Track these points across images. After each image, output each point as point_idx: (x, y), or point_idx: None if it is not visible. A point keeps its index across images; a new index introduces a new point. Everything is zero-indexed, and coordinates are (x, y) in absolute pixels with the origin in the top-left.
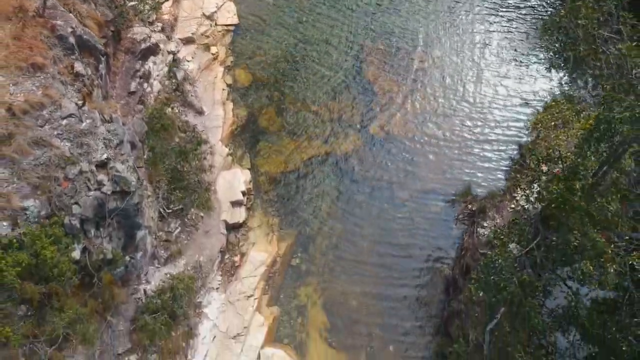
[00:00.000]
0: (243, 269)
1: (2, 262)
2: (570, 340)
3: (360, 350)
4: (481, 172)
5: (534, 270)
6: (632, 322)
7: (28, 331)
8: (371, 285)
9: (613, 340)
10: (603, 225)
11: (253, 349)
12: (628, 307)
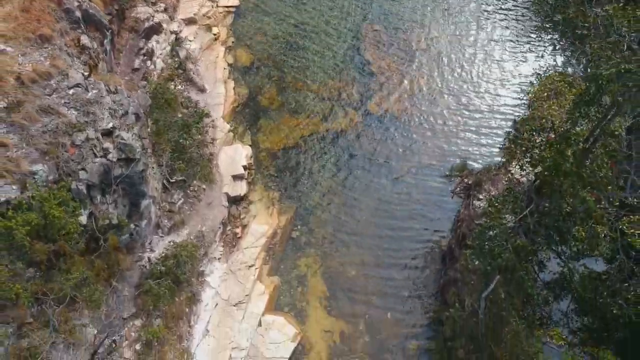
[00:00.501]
0: (244, 240)
1: (12, 221)
2: (563, 309)
3: (359, 318)
4: (477, 148)
5: (527, 237)
6: (623, 287)
7: (37, 289)
8: (369, 256)
9: (604, 305)
10: (593, 186)
11: (254, 316)
12: (618, 273)
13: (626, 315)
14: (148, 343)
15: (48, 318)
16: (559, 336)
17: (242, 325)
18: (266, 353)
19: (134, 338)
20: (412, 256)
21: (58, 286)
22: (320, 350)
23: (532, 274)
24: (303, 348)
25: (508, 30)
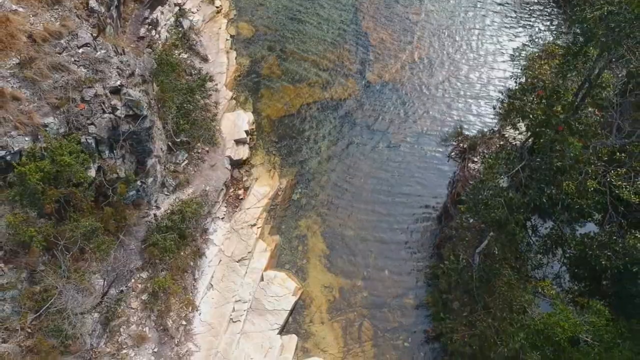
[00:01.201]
0: (246, 201)
1: (26, 167)
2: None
3: (357, 274)
4: (472, 116)
5: (518, 191)
6: (611, 240)
7: (49, 232)
8: (368, 217)
9: (594, 257)
10: (581, 134)
11: (256, 271)
12: (608, 224)
13: (614, 267)
14: (154, 293)
15: (59, 265)
16: (550, 287)
17: (245, 280)
18: (268, 306)
19: (141, 289)
20: (409, 217)
21: (69, 233)
22: (320, 304)
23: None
24: (304, 302)
25: (505, 5)
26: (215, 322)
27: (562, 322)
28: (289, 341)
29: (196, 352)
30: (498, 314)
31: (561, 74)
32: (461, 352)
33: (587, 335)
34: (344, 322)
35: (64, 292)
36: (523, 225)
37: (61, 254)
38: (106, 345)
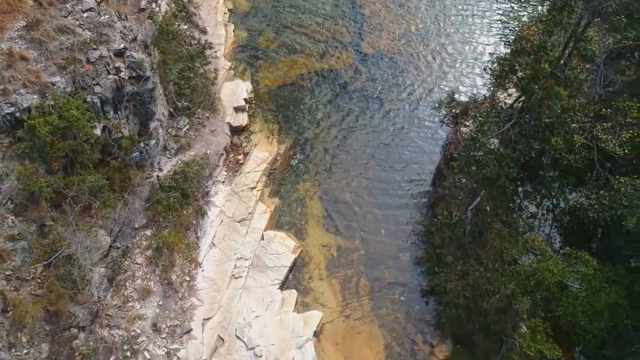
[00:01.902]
0: (246, 166)
1: (35, 120)
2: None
3: (355, 234)
4: (464, 84)
5: (508, 147)
6: (599, 194)
7: (57, 183)
8: (365, 180)
9: (582, 210)
10: (566, 84)
11: (257, 230)
12: (595, 181)
13: (602, 219)
14: (158, 249)
15: (67, 219)
16: (540, 241)
17: (246, 239)
18: (268, 263)
19: (145, 246)
20: (404, 180)
21: (76, 185)
22: (319, 262)
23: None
24: (303, 260)
25: None
26: (218, 278)
27: (551, 267)
28: (289, 296)
29: (200, 306)
30: (490, 265)
31: (547, 30)
32: (455, 303)
33: (575, 282)
34: (342, 278)
35: (73, 239)
36: (513, 179)
37: (69, 206)
38: (113, 298)
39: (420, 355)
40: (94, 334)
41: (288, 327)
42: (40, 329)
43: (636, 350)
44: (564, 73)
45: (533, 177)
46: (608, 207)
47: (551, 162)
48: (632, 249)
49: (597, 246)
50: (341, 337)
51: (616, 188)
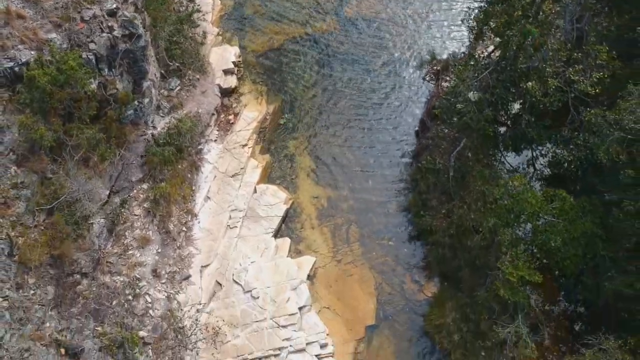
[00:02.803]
0: (237, 125)
1: (35, 71)
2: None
3: (343, 185)
4: (445, 44)
5: (486, 92)
6: (574, 135)
7: (58, 129)
8: (352, 136)
9: (560, 155)
10: (538, 24)
11: (250, 184)
12: (569, 124)
13: (577, 158)
14: (156, 200)
15: (67, 168)
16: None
17: (239, 192)
18: (261, 213)
19: (143, 198)
20: (389, 134)
21: (75, 134)
22: (310, 212)
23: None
24: (294, 211)
25: None
26: (214, 228)
27: (530, 199)
28: (282, 243)
29: (197, 255)
30: (473, 205)
31: None
32: (441, 243)
33: (552, 214)
34: (332, 226)
35: (74, 182)
36: (492, 121)
37: (69, 155)
38: (113, 247)
39: (410, 294)
40: (96, 280)
41: (283, 271)
42: (45, 272)
43: (612, 275)
44: (537, 16)
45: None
46: (582, 146)
47: (528, 108)
48: (606, 185)
49: (574, 189)
50: (334, 280)
51: (587, 119)
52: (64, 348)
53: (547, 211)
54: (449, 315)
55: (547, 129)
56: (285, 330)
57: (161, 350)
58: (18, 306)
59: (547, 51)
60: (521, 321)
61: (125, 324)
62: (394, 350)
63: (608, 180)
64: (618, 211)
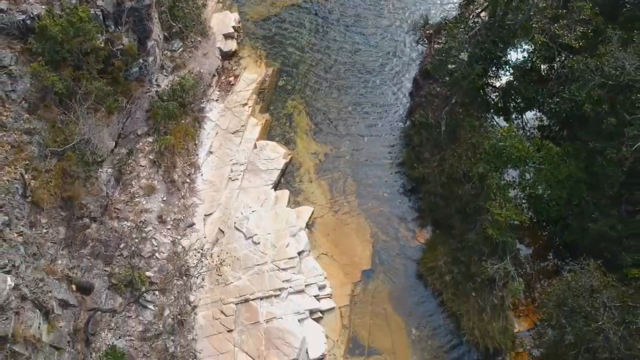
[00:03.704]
0: (237, 86)
1: (46, 21)
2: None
3: (340, 142)
4: (437, 9)
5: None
6: (559, 89)
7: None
8: (348, 97)
9: (544, 103)
10: None
11: (250, 140)
12: (556, 79)
13: (562, 110)
14: (160, 152)
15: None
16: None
17: (240, 147)
18: (261, 166)
19: (148, 150)
20: (384, 94)
21: (85, 84)
22: (309, 167)
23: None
24: (293, 166)
25: None
26: (216, 180)
27: (516, 144)
28: (282, 195)
29: (200, 204)
30: (463, 155)
31: None
32: (433, 192)
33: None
34: (330, 180)
35: (85, 124)
36: (482, 74)
37: (78, 103)
38: (120, 195)
39: (404, 241)
40: (105, 225)
41: (282, 219)
42: (56, 214)
43: (595, 217)
44: None
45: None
46: (568, 99)
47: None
48: (590, 134)
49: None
50: (331, 228)
51: (570, 66)
52: (75, 284)
53: (533, 157)
54: (441, 259)
55: (534, 84)
56: (285, 272)
57: (167, 289)
58: (32, 242)
59: (534, 7)
60: (509, 261)
61: (133, 264)
62: (389, 291)
63: (592, 130)
64: (602, 159)
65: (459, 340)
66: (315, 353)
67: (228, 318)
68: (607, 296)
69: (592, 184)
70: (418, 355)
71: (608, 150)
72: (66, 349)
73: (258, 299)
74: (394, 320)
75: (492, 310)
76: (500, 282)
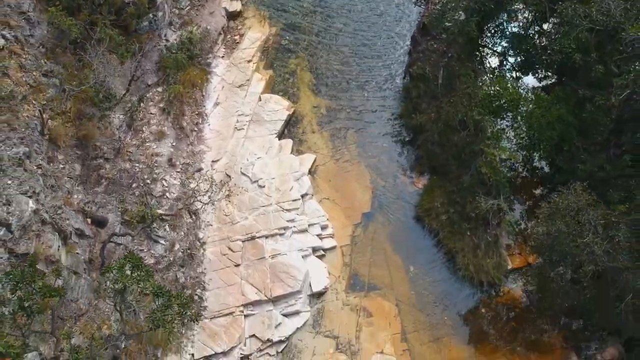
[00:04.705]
0: (242, 44)
1: None
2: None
3: (341, 96)
4: None
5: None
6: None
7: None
8: (349, 54)
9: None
10: None
11: (255, 94)
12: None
13: (554, 61)
14: (170, 100)
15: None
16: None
17: (245, 100)
18: (266, 117)
19: (158, 99)
20: (384, 52)
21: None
22: (311, 119)
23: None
24: (296, 119)
25: None
26: (223, 129)
27: (509, 88)
28: (286, 144)
29: (208, 152)
30: (459, 104)
31: None
32: (430, 140)
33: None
34: (331, 131)
35: (99, 66)
36: (478, 27)
37: (92, 48)
38: (132, 139)
39: (402, 186)
40: (118, 166)
41: (286, 165)
42: (72, 153)
43: (583, 159)
44: None
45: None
46: (558, 52)
47: (508, 15)
48: (580, 84)
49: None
50: (333, 175)
51: (559, 12)
52: (90, 217)
53: (525, 100)
54: (438, 201)
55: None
56: (289, 213)
57: (177, 226)
58: (50, 175)
59: None
60: (502, 199)
61: (144, 202)
62: (388, 232)
63: (582, 79)
64: (591, 105)
65: (454, 276)
66: (318, 286)
67: (235, 254)
68: (592, 215)
69: (582, 130)
70: (415, 290)
71: (597, 97)
72: (82, 275)
73: (263, 237)
74: (392, 259)
75: (486, 247)
76: (495, 222)
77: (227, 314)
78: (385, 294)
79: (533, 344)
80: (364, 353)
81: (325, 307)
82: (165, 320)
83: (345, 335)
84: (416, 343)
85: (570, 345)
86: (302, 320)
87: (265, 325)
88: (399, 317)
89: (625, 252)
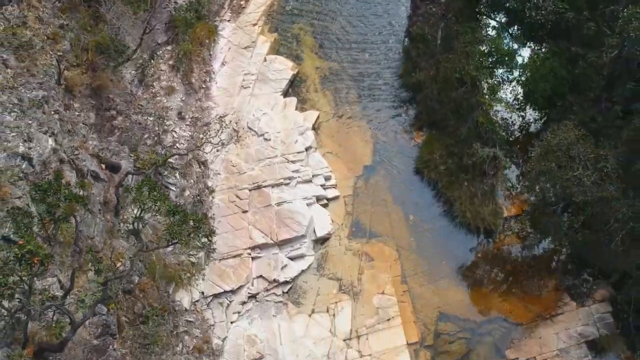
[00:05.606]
0: (247, 8)
1: None
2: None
3: (343, 58)
4: None
5: None
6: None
7: None
8: (353, 18)
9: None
10: None
11: (260, 55)
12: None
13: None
14: (179, 58)
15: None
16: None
17: (251, 60)
18: (271, 76)
19: (168, 58)
20: (385, 17)
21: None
22: (314, 79)
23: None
24: (300, 79)
25: None
26: (230, 87)
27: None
28: (290, 101)
29: (215, 107)
30: (457, 61)
31: None
32: (429, 96)
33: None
34: (333, 90)
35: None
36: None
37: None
38: (143, 94)
39: (402, 141)
40: (130, 117)
41: (291, 120)
42: (87, 102)
43: (576, 110)
44: None
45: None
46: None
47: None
48: (573, 43)
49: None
50: (335, 131)
51: None
52: (104, 163)
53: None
54: (436, 153)
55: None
56: (294, 164)
57: (187, 174)
58: (67, 120)
59: None
60: (498, 149)
61: (156, 151)
62: (388, 184)
63: (575, 38)
64: (583, 63)
65: (452, 223)
66: (321, 232)
67: (242, 201)
68: (582, 149)
69: (574, 86)
70: (415, 237)
71: (589, 55)
72: (97, 215)
73: (269, 186)
74: (393, 209)
75: (483, 195)
76: (491, 172)
77: (235, 256)
78: (385, 240)
79: (528, 286)
80: (366, 294)
81: (328, 252)
82: (182, 234)
83: (348, 277)
84: (415, 285)
85: (564, 286)
86: (307, 264)
87: (272, 267)
88: (399, 261)
89: (613, 182)
